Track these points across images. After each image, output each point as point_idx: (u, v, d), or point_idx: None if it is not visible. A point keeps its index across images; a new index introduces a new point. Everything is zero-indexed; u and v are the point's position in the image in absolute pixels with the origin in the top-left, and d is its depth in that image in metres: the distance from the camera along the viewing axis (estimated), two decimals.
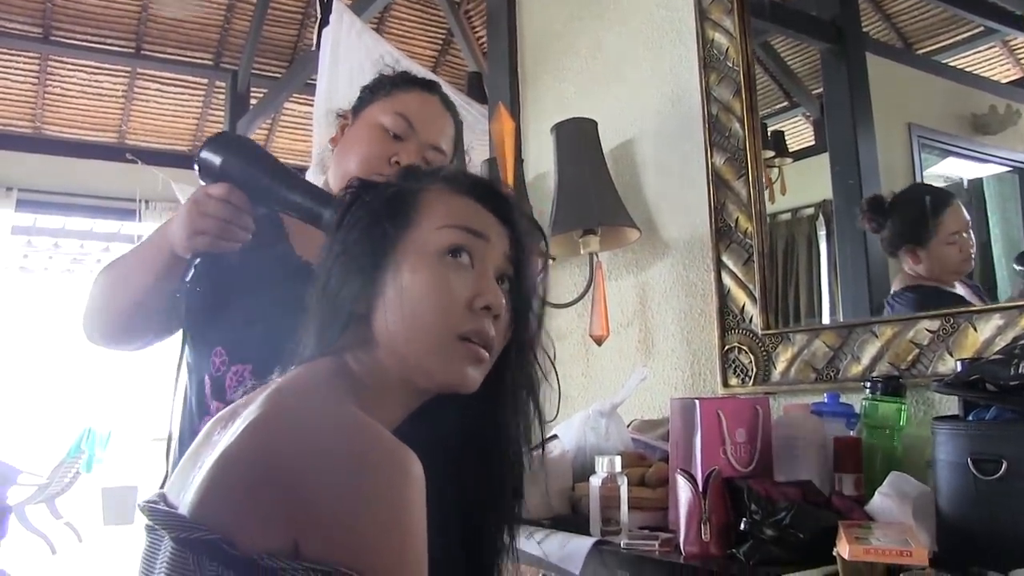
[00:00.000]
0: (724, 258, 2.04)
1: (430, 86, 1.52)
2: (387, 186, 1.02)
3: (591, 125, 2.29)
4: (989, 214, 1.86)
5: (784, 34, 2.29)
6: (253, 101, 5.44)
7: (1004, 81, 1.94)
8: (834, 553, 1.17)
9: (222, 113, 5.74)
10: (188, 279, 1.24)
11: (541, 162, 2.62)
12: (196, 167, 1.23)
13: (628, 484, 1.57)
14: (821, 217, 2.13)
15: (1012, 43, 1.95)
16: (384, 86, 1.51)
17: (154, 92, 5.88)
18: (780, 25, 2.25)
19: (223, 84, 5.72)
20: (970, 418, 1.24)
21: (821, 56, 2.23)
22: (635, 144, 2.37)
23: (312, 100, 5.54)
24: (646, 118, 2.34)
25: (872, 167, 2.00)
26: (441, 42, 5.75)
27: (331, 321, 0.95)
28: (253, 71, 5.49)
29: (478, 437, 1.02)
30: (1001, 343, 1.50)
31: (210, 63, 5.77)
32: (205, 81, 5.91)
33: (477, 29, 5.29)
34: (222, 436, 0.86)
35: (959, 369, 1.41)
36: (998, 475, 1.15)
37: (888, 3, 2.12)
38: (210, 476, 0.78)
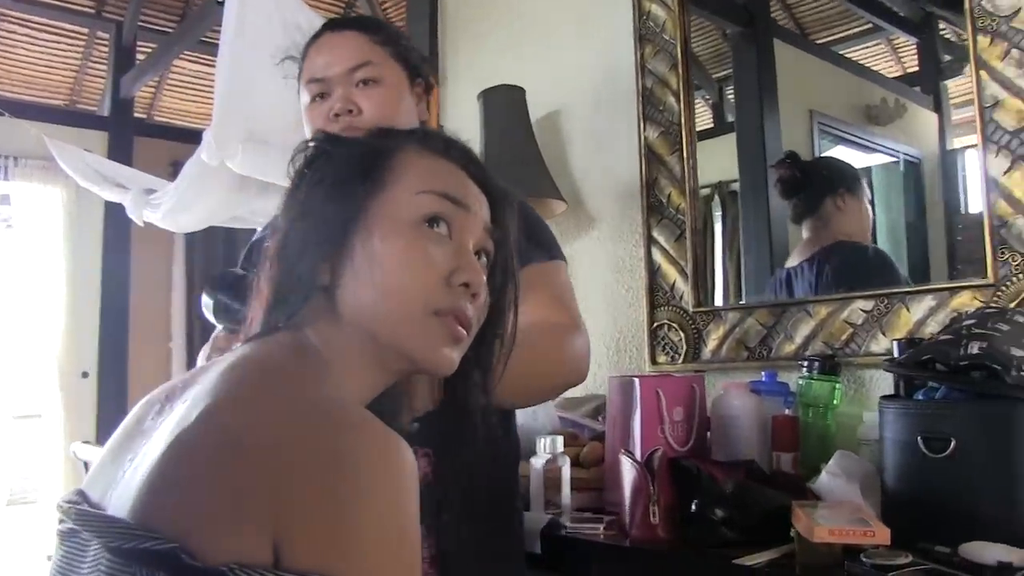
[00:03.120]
0: (655, 234, 2.02)
1: (319, 34, 1.44)
2: (357, 142, 0.92)
3: (519, 93, 2.23)
4: (875, 201, 1.93)
5: (700, 15, 2.28)
6: (140, 56, 5.12)
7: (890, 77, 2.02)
8: (792, 533, 1.17)
9: (104, 67, 5.36)
10: None
11: (462, 130, 2.53)
12: (209, 307, 1.21)
13: None
14: (717, 198, 2.14)
15: (895, 42, 2.02)
16: (296, 72, 1.45)
17: (23, 38, 5.44)
18: (698, 7, 2.24)
19: (106, 35, 5.35)
20: (920, 397, 1.25)
21: (731, 40, 2.24)
22: (563, 115, 2.32)
23: (206, 58, 5.30)
24: (576, 89, 2.30)
25: (777, 150, 2.03)
26: (344, 5, 5.53)
27: (289, 292, 0.84)
28: (140, 23, 5.15)
29: (443, 416, 0.95)
30: (933, 323, 1.53)
31: (91, 10, 5.38)
32: (85, 31, 5.51)
33: None
34: (159, 422, 0.75)
35: (896, 349, 1.43)
36: (947, 453, 1.17)
37: None
38: (159, 472, 0.67)
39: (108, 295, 4.60)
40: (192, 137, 5.35)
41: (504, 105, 2.22)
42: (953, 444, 1.17)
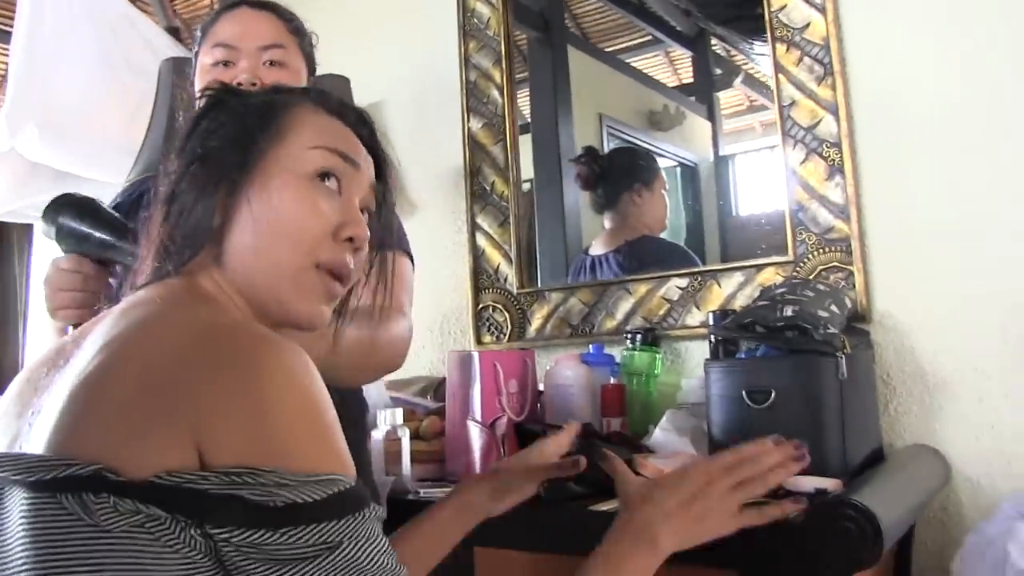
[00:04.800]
0: (479, 220, 2.10)
1: (234, 5, 1.43)
2: (254, 94, 0.94)
3: (344, 82, 2.23)
4: None
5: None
6: None
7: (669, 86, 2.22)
8: None
9: None
10: None
11: None
12: (51, 233, 1.22)
13: None
14: None
15: (673, 54, 2.23)
16: (198, 39, 1.44)
17: None
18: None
19: None
20: (742, 356, 1.40)
21: (529, 44, 2.36)
22: (387, 105, 2.35)
23: None
24: (399, 80, 2.33)
25: (570, 149, 2.17)
26: None
27: (181, 236, 0.84)
28: None
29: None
30: (742, 297, 1.71)
31: None
32: None
33: None
34: (57, 374, 0.74)
35: (711, 319, 1.58)
36: (768, 403, 1.31)
37: (575, 3, 2.31)
38: (69, 407, 0.66)
39: None
40: None
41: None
42: (773, 396, 1.31)
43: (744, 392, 1.34)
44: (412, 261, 1.44)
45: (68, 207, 1.21)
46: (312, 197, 0.85)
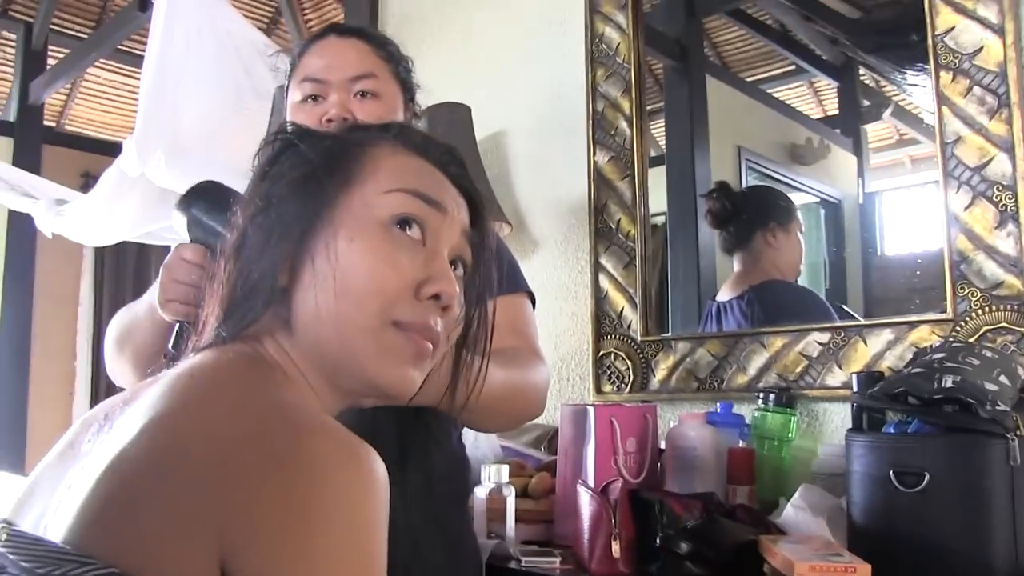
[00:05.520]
0: (603, 260, 1.98)
1: (322, 35, 1.37)
2: (327, 135, 0.85)
3: (465, 111, 2.17)
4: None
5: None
6: (51, 61, 4.87)
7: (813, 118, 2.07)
8: (765, 569, 1.12)
9: (11, 69, 5.09)
10: (171, 344, 1.13)
11: None
12: (183, 224, 1.15)
13: None
14: None
15: (817, 84, 2.06)
16: (288, 73, 1.38)
17: None
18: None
19: (13, 36, 5.08)
20: (890, 431, 1.22)
21: (665, 73, 2.24)
22: (509, 135, 2.27)
23: (122, 68, 5.10)
24: (522, 109, 2.25)
25: (705, 182, 2.03)
26: (267, 21, 5.40)
27: (246, 295, 0.75)
28: (52, 27, 4.91)
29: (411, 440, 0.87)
30: (891, 357, 1.52)
31: None
32: None
33: (307, 11, 5.01)
34: (97, 442, 0.67)
35: (855, 382, 1.40)
36: (921, 487, 1.14)
37: (715, 32, 2.18)
38: (96, 492, 0.59)
39: (9, 310, 4.27)
40: (105, 148, 5.15)
41: (449, 123, 2.15)
42: (927, 479, 1.13)
43: (892, 472, 1.16)
44: (533, 299, 1.33)
45: (202, 197, 1.15)
46: (387, 248, 0.74)
